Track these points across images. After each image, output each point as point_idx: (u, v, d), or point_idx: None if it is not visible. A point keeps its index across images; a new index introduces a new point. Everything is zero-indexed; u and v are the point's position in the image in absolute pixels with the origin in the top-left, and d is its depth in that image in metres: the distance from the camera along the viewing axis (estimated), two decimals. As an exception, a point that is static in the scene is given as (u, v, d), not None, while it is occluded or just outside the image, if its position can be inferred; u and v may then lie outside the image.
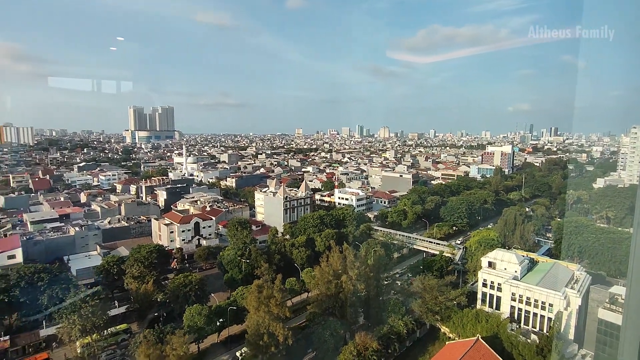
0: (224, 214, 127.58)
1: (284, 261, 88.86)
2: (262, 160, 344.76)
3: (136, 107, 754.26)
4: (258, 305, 54.82)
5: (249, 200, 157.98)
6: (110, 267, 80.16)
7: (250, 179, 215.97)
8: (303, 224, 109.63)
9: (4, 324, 68.93)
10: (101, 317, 60.26)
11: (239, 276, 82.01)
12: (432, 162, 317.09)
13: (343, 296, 63.65)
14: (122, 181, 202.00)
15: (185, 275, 74.34)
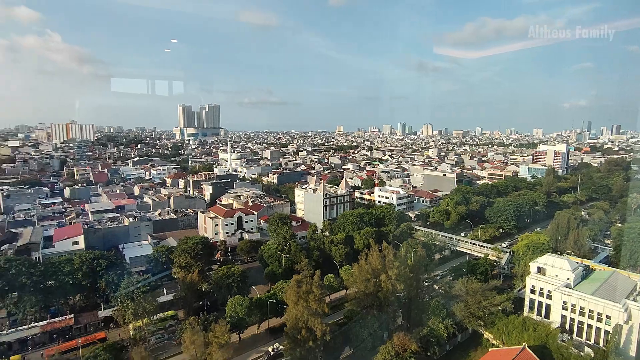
0: (266, 209, 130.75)
1: (322, 257, 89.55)
2: (302, 157, 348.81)
3: (185, 106, 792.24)
4: (297, 299, 55.75)
5: (290, 196, 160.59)
6: (160, 256, 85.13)
7: (291, 175, 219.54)
8: (342, 221, 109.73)
9: (69, 304, 75.65)
10: (151, 303, 64.31)
11: (279, 270, 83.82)
12: (478, 160, 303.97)
13: (382, 295, 63.07)
14: (172, 175, 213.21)
15: (228, 267, 77.23)
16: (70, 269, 73.15)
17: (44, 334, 65.68)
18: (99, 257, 76.72)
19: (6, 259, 70.77)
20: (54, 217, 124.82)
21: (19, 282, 68.00)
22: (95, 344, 60.30)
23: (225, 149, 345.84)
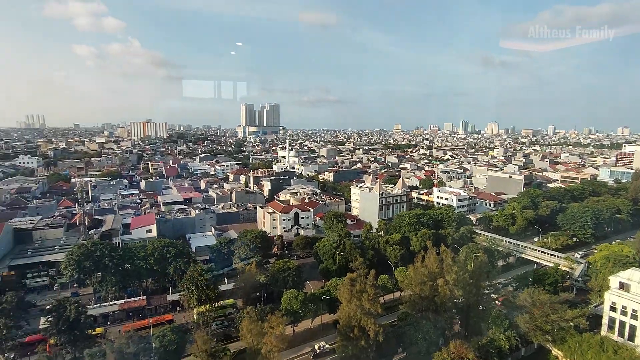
0: (321, 206, 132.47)
1: (377, 257, 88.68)
2: (359, 155, 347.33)
3: (247, 105, 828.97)
4: (350, 298, 55.97)
5: (345, 195, 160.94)
6: (222, 247, 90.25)
7: (347, 173, 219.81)
8: (398, 221, 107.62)
9: (142, 286, 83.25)
10: (213, 290, 68.58)
11: (333, 267, 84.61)
12: (550, 162, 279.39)
13: (438, 300, 60.98)
14: (234, 171, 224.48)
15: (285, 261, 79.64)
16: (144, 255, 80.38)
17: (122, 311, 73.09)
18: (169, 245, 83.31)
19: (93, 243, 79.79)
20: (131, 207, 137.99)
21: (102, 263, 76.38)
22: (164, 324, 65.66)
23: (283, 147, 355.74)
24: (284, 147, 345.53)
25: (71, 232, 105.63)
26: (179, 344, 55.18)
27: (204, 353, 51.90)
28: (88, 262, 75.40)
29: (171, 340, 54.13)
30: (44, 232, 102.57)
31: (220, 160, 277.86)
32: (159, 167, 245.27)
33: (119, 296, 78.02)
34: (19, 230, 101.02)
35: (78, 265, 75.03)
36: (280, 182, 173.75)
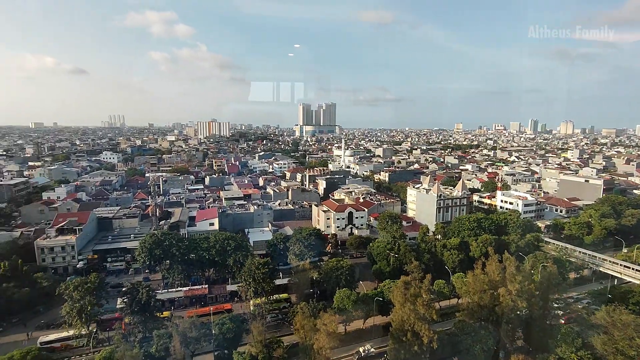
0: (376, 206, 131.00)
1: (433, 261, 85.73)
2: (416, 155, 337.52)
3: (305, 104, 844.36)
4: (404, 301, 54.79)
5: (401, 195, 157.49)
6: (278, 242, 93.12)
7: (403, 174, 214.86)
8: (457, 225, 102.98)
9: (204, 275, 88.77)
10: (269, 284, 71.10)
11: (386, 269, 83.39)
12: (637, 166, 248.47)
13: (499, 310, 57.36)
14: (291, 169, 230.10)
15: (338, 259, 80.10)
16: (206, 246, 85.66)
17: (186, 298, 78.62)
18: (229, 238, 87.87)
19: (162, 233, 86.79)
20: (196, 201, 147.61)
21: (170, 252, 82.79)
22: (223, 313, 69.55)
23: (339, 146, 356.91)
24: (339, 146, 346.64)
25: (144, 222, 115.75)
26: (236, 332, 58.04)
27: (259, 343, 54.13)
28: (158, 250, 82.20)
29: (229, 329, 57.13)
30: (122, 221, 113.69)
31: (278, 158, 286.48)
32: (222, 164, 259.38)
33: (183, 284, 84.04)
34: (102, 219, 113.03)
35: (149, 253, 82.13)
36: (335, 181, 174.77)
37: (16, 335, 67.33)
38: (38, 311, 74.50)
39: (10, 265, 77.96)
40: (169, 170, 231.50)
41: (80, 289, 61.78)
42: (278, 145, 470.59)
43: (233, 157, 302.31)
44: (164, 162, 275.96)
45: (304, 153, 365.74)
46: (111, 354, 49.24)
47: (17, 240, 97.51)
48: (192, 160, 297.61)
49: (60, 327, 66.15)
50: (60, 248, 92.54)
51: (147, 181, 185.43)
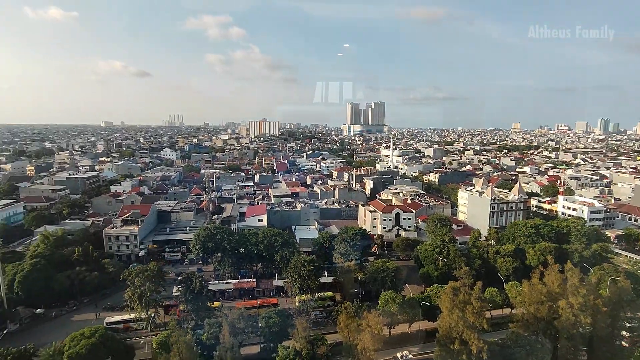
0: (425, 208, 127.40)
1: (485, 268, 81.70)
2: (469, 156, 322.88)
3: (353, 104, 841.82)
4: (452, 307, 52.83)
5: (452, 198, 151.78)
6: (324, 241, 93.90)
7: (454, 175, 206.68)
8: (512, 230, 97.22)
9: (253, 269, 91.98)
10: (314, 281, 71.98)
11: (434, 273, 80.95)
12: None
13: (558, 325, 53.33)
14: (338, 169, 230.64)
15: (384, 261, 79.17)
16: (255, 241, 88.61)
17: (235, 290, 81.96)
18: (277, 235, 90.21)
19: (215, 227, 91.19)
20: (247, 197, 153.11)
21: (222, 246, 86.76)
22: (269, 307, 71.50)
23: (387, 146, 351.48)
24: (387, 146, 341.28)
25: (199, 216, 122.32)
26: (281, 326, 59.50)
27: (303, 339, 55.04)
28: (211, 243, 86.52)
29: (275, 323, 58.73)
30: (179, 214, 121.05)
31: (325, 157, 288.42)
32: (271, 163, 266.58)
33: (233, 276, 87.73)
34: (161, 211, 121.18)
35: (203, 245, 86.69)
36: (382, 181, 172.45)
37: (87, 314, 74.45)
38: (105, 294, 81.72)
39: (83, 251, 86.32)
40: (222, 167, 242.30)
41: (141, 275, 66.78)
42: (326, 144, 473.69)
43: (282, 155, 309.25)
44: (218, 160, 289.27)
45: (352, 152, 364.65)
46: (167, 338, 52.70)
47: (89, 228, 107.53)
48: (243, 158, 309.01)
49: (123, 309, 71.97)
50: (125, 237, 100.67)
51: (202, 177, 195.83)
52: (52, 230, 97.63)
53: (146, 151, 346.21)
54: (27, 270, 73.20)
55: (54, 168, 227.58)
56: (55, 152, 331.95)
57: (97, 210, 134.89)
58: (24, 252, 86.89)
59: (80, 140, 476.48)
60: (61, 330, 65.49)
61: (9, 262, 76.56)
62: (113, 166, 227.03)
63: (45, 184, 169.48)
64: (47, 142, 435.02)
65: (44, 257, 78.30)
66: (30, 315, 73.29)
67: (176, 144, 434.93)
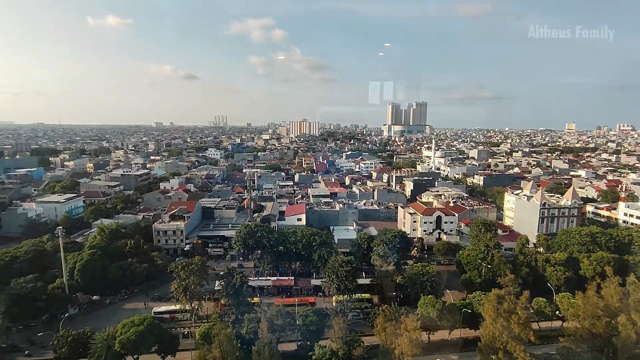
0: (468, 212, 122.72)
1: (532, 276, 77.32)
2: (517, 158, 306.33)
3: (394, 104, 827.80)
4: (496, 316, 50.48)
5: (497, 202, 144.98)
6: (362, 242, 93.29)
7: (500, 178, 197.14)
8: (565, 238, 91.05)
9: (291, 268, 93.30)
10: (352, 282, 71.72)
11: (477, 279, 77.82)
12: None
13: (617, 342, 49.18)
14: (377, 169, 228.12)
15: (424, 265, 77.24)
16: (294, 240, 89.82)
17: (274, 287, 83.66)
18: (315, 234, 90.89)
19: (255, 225, 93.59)
20: (286, 196, 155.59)
21: (261, 243, 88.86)
22: (307, 305, 72.36)
23: (429, 147, 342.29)
24: (429, 147, 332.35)
25: (240, 214, 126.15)
26: (318, 326, 59.94)
27: (339, 339, 55.10)
28: (251, 240, 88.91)
29: (312, 321, 59.25)
30: (222, 211, 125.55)
31: (364, 158, 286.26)
32: (311, 163, 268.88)
33: (272, 273, 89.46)
34: (206, 208, 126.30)
35: (244, 242, 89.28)
36: (423, 183, 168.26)
37: (137, 303, 79.34)
38: (153, 285, 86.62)
39: (135, 243, 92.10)
40: (263, 166, 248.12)
41: (186, 269, 70.00)
42: (365, 144, 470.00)
43: (321, 155, 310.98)
44: (259, 159, 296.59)
45: (392, 153, 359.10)
46: (209, 330, 54.88)
47: (140, 222, 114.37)
48: (283, 158, 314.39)
49: (170, 300, 75.92)
50: (172, 232, 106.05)
51: (244, 176, 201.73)
52: (108, 223, 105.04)
53: (192, 150, 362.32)
54: (86, 259, 79.35)
55: (110, 165, 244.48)
56: (111, 150, 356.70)
57: (147, 206, 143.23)
58: (83, 242, 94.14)
59: (134, 140, 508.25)
60: (114, 316, 70.37)
61: (70, 252, 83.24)
62: (162, 164, 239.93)
63: (102, 180, 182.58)
64: (105, 142, 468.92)
65: (100, 248, 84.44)
66: (87, 301, 79.37)
67: (220, 143, 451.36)
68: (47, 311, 70.49)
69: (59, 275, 76.87)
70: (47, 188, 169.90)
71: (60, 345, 55.40)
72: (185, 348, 60.34)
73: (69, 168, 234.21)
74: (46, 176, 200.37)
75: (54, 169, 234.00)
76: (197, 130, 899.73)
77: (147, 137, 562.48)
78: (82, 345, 55.47)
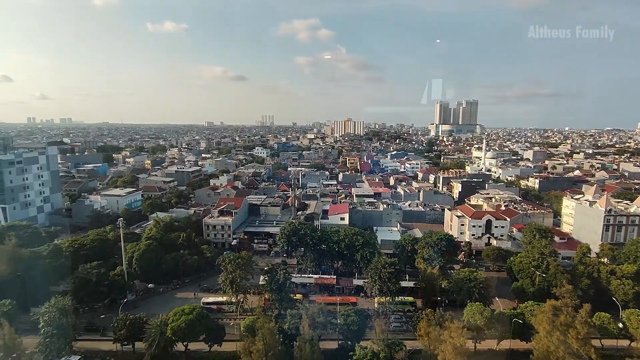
0: (521, 216, 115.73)
1: (594, 289, 71.34)
2: (578, 160, 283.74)
3: (442, 102, 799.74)
4: (551, 329, 47.36)
5: (554, 207, 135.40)
6: (406, 244, 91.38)
7: (558, 181, 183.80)
8: (634, 249, 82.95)
9: (333, 267, 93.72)
10: (395, 284, 70.52)
11: (530, 288, 73.33)
12: None
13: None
14: (423, 170, 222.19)
15: (471, 270, 74.14)
16: (336, 239, 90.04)
17: (316, 285, 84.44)
18: (358, 234, 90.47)
19: (299, 222, 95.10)
20: (330, 195, 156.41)
21: (305, 241, 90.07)
22: (348, 305, 72.23)
23: (479, 147, 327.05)
24: (479, 147, 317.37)
25: (285, 211, 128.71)
26: (360, 326, 59.65)
27: (381, 342, 54.48)
28: (295, 238, 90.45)
29: (354, 321, 59.10)
30: (267, 208, 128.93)
31: (410, 158, 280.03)
32: (355, 162, 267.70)
33: (314, 271, 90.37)
34: (252, 205, 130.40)
35: (288, 239, 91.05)
36: (472, 184, 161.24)
37: (187, 292, 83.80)
38: (202, 276, 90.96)
39: (187, 236, 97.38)
40: (307, 165, 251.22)
41: (233, 263, 72.83)
42: (411, 144, 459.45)
43: (366, 155, 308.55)
44: (304, 158, 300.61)
45: (439, 153, 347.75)
46: (253, 323, 56.69)
47: (191, 216, 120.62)
48: (327, 157, 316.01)
49: (217, 292, 79.38)
50: (220, 226, 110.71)
51: (288, 174, 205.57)
52: (163, 216, 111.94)
53: (240, 149, 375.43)
54: (143, 249, 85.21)
55: (166, 162, 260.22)
56: (167, 148, 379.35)
57: (198, 201, 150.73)
58: (140, 233, 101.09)
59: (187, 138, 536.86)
60: (166, 304, 74.89)
61: (129, 242, 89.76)
62: (213, 162, 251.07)
63: (158, 176, 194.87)
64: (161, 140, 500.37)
65: (155, 240, 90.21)
66: (143, 289, 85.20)
67: (267, 142, 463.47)
68: (109, 296, 76.70)
69: (119, 263, 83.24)
70: (110, 182, 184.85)
71: (119, 328, 60.11)
72: (230, 339, 62.77)
73: (130, 164, 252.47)
74: (110, 171, 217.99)
75: (117, 165, 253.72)
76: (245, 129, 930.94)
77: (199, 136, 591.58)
78: (138, 329, 59.76)
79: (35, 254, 78.16)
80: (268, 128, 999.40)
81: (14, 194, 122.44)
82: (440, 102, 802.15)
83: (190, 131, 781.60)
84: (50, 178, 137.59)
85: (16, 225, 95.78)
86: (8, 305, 59.34)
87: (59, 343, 56.75)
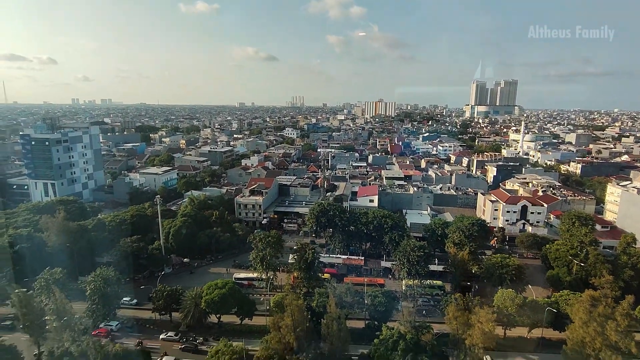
0: (559, 202, 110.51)
1: (638, 281, 67.72)
2: (627, 144, 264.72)
3: (479, 82, 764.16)
4: (588, 320, 45.70)
5: (597, 193, 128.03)
6: (436, 228, 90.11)
7: (603, 167, 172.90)
8: (685, 240, 77.61)
9: (361, 248, 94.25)
10: (423, 268, 70.10)
11: (566, 277, 70.73)
12: None
13: None
14: (456, 153, 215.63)
15: (504, 256, 72.41)
16: (365, 221, 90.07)
17: (343, 265, 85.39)
18: (387, 217, 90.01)
19: (328, 203, 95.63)
20: (359, 177, 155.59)
21: (333, 222, 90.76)
22: (376, 286, 72.76)
23: (517, 129, 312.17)
24: (517, 130, 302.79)
25: (314, 192, 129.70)
26: (387, 307, 60.21)
27: (408, 323, 54.74)
28: (324, 218, 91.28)
29: (381, 302, 59.69)
30: (297, 189, 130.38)
31: (443, 140, 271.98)
32: (385, 144, 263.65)
33: (343, 252, 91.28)
34: (282, 185, 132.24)
35: (317, 220, 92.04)
36: (508, 168, 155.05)
37: (219, 268, 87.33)
38: (234, 253, 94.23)
39: (219, 214, 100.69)
40: (337, 146, 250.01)
41: (264, 241, 74.82)
42: (444, 126, 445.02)
43: (396, 137, 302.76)
44: (333, 139, 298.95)
45: (473, 136, 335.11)
46: (282, 300, 58.45)
47: (224, 195, 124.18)
48: (357, 138, 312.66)
49: (248, 268, 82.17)
50: (252, 206, 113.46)
51: (318, 155, 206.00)
52: (197, 194, 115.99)
53: (271, 130, 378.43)
54: (178, 225, 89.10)
55: (200, 142, 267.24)
56: (200, 129, 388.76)
57: (230, 180, 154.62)
58: (176, 210, 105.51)
59: (220, 119, 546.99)
60: (200, 278, 78.53)
61: (166, 218, 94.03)
62: (244, 142, 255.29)
63: (192, 155, 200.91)
64: (195, 120, 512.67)
65: (190, 217, 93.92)
66: (179, 263, 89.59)
67: (297, 123, 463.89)
68: (147, 268, 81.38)
69: (157, 238, 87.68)
70: (148, 161, 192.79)
71: (157, 299, 63.87)
72: (260, 313, 65.18)
73: (166, 144, 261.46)
74: (147, 150, 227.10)
75: (154, 145, 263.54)
76: (275, 110, 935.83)
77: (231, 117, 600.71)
78: (175, 300, 63.30)
79: (82, 227, 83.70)
80: (298, 109, 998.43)
81: (61, 170, 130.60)
82: (477, 81, 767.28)
83: (222, 112, 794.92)
84: (93, 156, 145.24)
85: (64, 200, 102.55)
86: (59, 273, 64.26)
87: (104, 309, 61.33)
